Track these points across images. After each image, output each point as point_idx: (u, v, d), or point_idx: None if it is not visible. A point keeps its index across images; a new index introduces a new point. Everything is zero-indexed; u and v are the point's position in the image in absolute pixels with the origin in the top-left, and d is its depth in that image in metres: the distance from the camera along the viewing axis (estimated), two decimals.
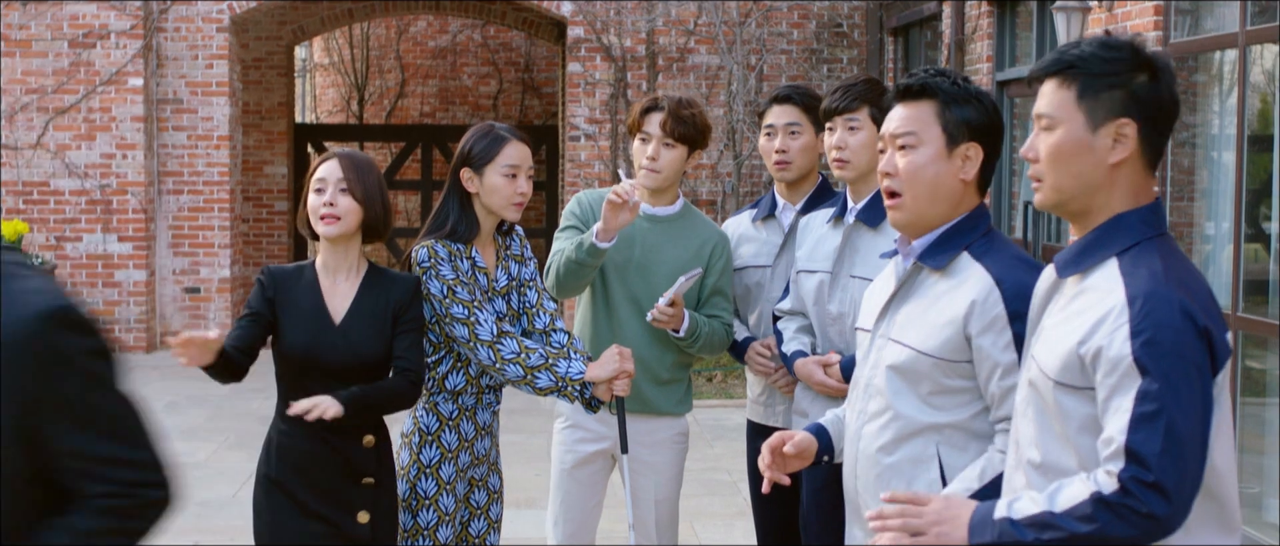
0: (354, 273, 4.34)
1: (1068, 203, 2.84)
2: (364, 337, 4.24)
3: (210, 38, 14.27)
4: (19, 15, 13.85)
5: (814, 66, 14.68)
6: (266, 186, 17.38)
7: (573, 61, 14.55)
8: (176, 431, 10.26)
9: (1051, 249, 10.31)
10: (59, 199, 13.99)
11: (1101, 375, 2.63)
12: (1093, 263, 2.78)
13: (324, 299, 4.29)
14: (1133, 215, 2.78)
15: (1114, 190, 2.80)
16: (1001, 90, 11.26)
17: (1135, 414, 2.55)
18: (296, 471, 4.26)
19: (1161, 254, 2.72)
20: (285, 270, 4.36)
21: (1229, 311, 7.76)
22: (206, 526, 7.82)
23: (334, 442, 4.24)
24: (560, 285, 4.83)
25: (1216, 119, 8.37)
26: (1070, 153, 2.79)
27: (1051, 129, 2.81)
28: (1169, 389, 2.54)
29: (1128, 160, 2.78)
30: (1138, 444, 2.54)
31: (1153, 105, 2.77)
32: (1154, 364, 2.56)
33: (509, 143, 4.53)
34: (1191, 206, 8.55)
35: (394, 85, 20.92)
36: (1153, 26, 8.41)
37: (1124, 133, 2.76)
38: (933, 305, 3.36)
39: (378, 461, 4.33)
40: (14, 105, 13.87)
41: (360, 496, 4.29)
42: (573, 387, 4.49)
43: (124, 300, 14.06)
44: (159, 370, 13.09)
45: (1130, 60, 2.78)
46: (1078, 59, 2.79)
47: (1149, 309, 2.60)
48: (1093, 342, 2.66)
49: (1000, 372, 3.26)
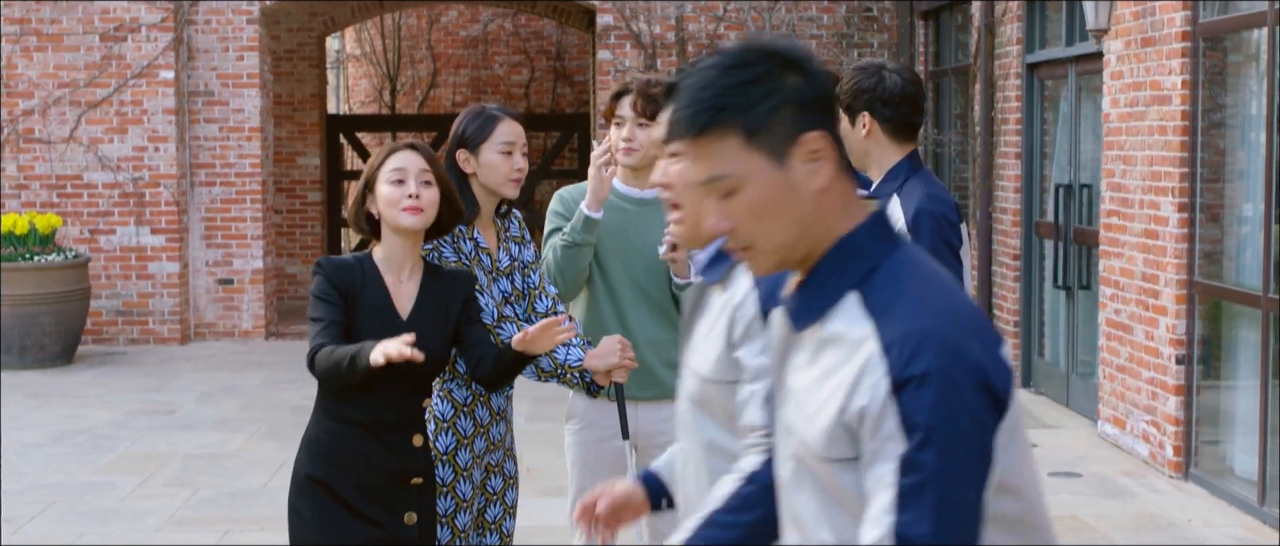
0: (416, 269, 4.24)
1: (791, 256, 2.30)
2: (430, 336, 4.11)
3: (241, 30, 14.31)
4: (50, 9, 13.91)
5: (844, 51, 14.62)
6: (299, 177, 17.44)
7: (603, 49, 14.54)
8: (209, 422, 10.31)
9: (1084, 232, 10.25)
10: (92, 192, 14.06)
11: (866, 436, 2.15)
12: (828, 303, 2.26)
13: (390, 295, 4.17)
14: (859, 234, 2.27)
15: (829, 215, 2.27)
16: (1032, 73, 11.19)
17: (901, 487, 2.10)
18: (343, 471, 4.13)
19: (907, 275, 2.23)
20: (345, 262, 4.19)
21: (1260, 293, 7.70)
22: (239, 516, 7.85)
23: (387, 440, 4.14)
24: (561, 274, 4.79)
25: (1244, 99, 8.30)
26: (773, 203, 2.24)
27: (738, 189, 2.23)
28: (938, 453, 2.08)
29: (831, 176, 2.25)
30: (906, 525, 2.09)
31: (822, 104, 2.27)
32: (920, 422, 2.09)
33: (502, 121, 4.58)
34: (1224, 188, 8.49)
35: (426, 75, 20.93)
36: (1181, 6, 8.34)
37: (815, 149, 2.23)
38: None
39: (426, 462, 4.24)
40: (46, 99, 13.94)
41: (408, 497, 4.18)
42: (572, 373, 4.53)
43: (158, 292, 14.12)
44: (193, 361, 13.16)
45: (768, 66, 2.25)
46: (717, 101, 2.23)
47: (908, 355, 2.11)
48: (854, 405, 2.15)
49: None
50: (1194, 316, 8.44)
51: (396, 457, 4.15)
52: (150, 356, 13.47)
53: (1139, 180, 8.91)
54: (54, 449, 9.46)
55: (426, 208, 4.15)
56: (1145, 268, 8.83)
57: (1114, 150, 9.33)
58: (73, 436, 9.84)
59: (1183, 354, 8.46)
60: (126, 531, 7.55)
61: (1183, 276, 8.43)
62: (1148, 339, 8.81)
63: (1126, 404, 9.14)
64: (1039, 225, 11.16)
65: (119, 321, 14.12)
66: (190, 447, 9.49)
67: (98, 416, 10.54)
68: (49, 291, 12.62)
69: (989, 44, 11.78)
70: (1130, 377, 9.08)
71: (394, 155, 4.17)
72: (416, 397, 4.20)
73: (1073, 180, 10.45)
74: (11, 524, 7.64)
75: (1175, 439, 8.48)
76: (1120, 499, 8.10)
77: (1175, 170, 8.43)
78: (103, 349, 13.90)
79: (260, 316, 14.48)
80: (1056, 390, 10.84)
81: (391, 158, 4.17)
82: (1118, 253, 9.28)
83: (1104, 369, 9.56)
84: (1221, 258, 8.52)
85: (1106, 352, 9.52)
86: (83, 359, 13.25)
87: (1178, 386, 8.47)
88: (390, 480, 4.15)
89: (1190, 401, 8.48)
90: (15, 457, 9.17)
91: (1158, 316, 8.66)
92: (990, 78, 11.80)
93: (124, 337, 14.13)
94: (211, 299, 14.52)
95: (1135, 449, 9.00)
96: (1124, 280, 9.18)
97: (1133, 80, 9.00)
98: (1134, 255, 9.00)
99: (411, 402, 4.19)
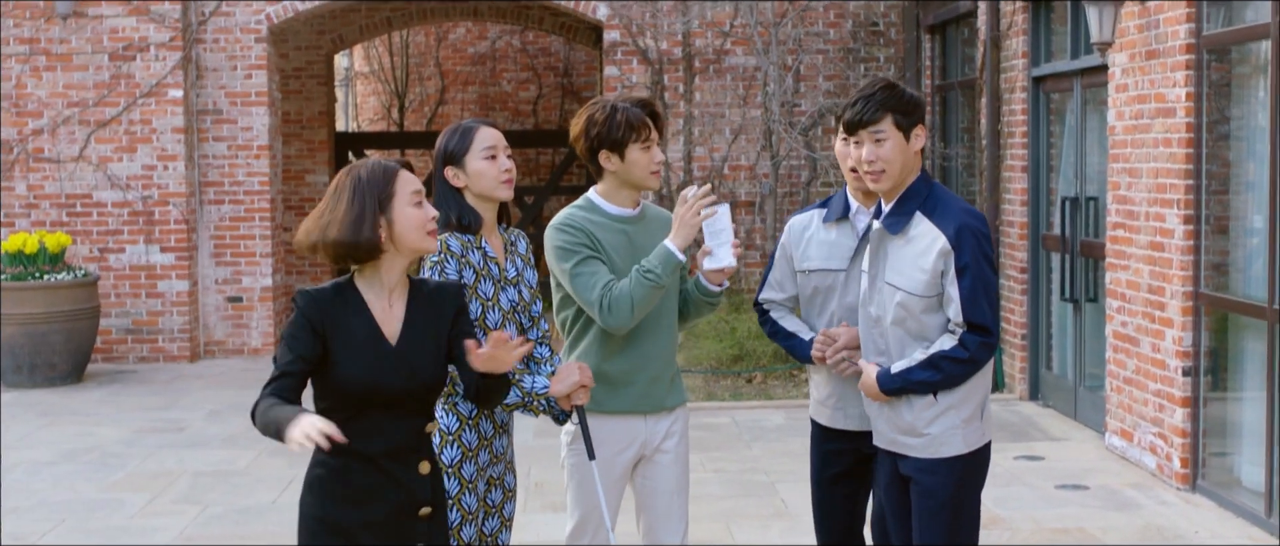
0: (402, 289, 4.03)
1: None
2: (422, 358, 3.96)
3: (249, 48, 14.36)
4: (59, 30, 13.97)
5: (850, 66, 14.64)
6: (308, 195, 17.48)
7: (610, 65, 14.57)
8: (218, 440, 10.34)
9: (1091, 245, 10.26)
10: (102, 211, 14.10)
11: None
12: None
13: (376, 321, 3.95)
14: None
15: None
16: (1037, 86, 11.20)
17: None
18: (355, 507, 3.93)
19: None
20: (323, 293, 3.95)
21: (1267, 304, 7.70)
22: (247, 533, 7.86)
23: (391, 472, 3.94)
24: (639, 308, 4.73)
25: (1253, 111, 8.31)
26: None
27: None
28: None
29: None
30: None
31: None
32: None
33: (479, 129, 4.67)
34: (1230, 200, 8.49)
35: (434, 92, 20.99)
36: (1185, 19, 8.36)
37: None
38: None
39: (433, 490, 4.07)
40: (56, 119, 14.00)
41: (419, 529, 4.03)
42: (539, 401, 4.58)
43: (167, 310, 14.16)
44: (202, 379, 13.19)
45: None
46: None
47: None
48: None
49: None
50: (1200, 328, 8.44)
51: (403, 489, 3.97)
52: (160, 374, 13.50)
53: (1144, 193, 8.91)
54: (63, 467, 9.49)
55: None
56: (1151, 280, 8.83)
57: (1119, 163, 9.33)
58: (82, 454, 9.87)
59: (1189, 366, 8.46)
60: None
61: (1189, 288, 8.44)
62: (1154, 351, 8.81)
63: (1134, 416, 9.13)
64: (1046, 238, 11.17)
65: (129, 340, 14.15)
66: (199, 465, 9.51)
67: (107, 434, 10.57)
68: (59, 310, 12.66)
69: (995, 58, 11.79)
70: (1137, 390, 9.08)
71: (403, 174, 3.96)
72: (418, 422, 4.02)
73: (1079, 193, 10.46)
74: (21, 540, 7.66)
75: (1182, 451, 8.48)
76: (1127, 511, 8.10)
77: (1180, 182, 8.43)
78: (112, 367, 13.94)
79: (269, 334, 14.51)
80: (1064, 403, 10.83)
81: (401, 178, 3.94)
82: (1124, 265, 9.29)
83: (1111, 381, 9.56)
84: (1227, 269, 8.52)
85: (1113, 365, 9.52)
86: (93, 377, 13.29)
87: (1185, 398, 8.47)
88: (399, 512, 3.97)
89: (1197, 413, 8.47)
90: (25, 476, 9.20)
91: (1164, 328, 8.66)
92: (996, 91, 11.81)
93: (133, 356, 14.17)
94: (221, 316, 14.55)
95: (1142, 461, 8.99)
96: (1130, 292, 9.18)
97: (1138, 93, 9.01)
98: (1140, 267, 9.00)
99: (414, 428, 4.01)
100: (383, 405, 3.90)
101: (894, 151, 4.61)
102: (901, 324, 4.66)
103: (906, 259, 4.62)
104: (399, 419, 3.95)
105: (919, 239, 4.61)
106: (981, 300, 4.54)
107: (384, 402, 3.89)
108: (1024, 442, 9.86)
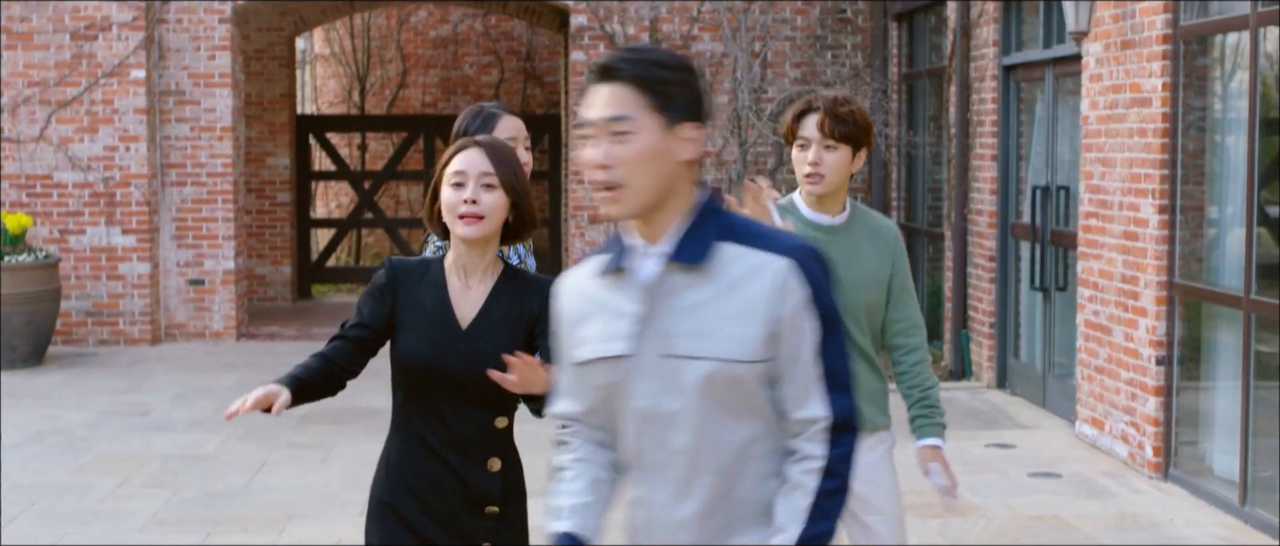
0: (489, 274, 3.85)
1: None
2: (494, 347, 3.73)
3: (212, 29, 14.23)
4: (20, 8, 13.81)
5: (818, 52, 14.65)
6: (269, 178, 17.36)
7: (576, 50, 14.52)
8: (184, 423, 10.25)
9: (1061, 234, 10.29)
10: (62, 192, 13.95)
11: None
12: None
13: (451, 302, 3.80)
14: None
15: None
16: (1008, 75, 11.23)
17: None
18: (412, 495, 3.81)
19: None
20: (409, 264, 3.85)
21: (1240, 294, 7.74)
22: (221, 517, 7.80)
23: (453, 463, 3.78)
24: None
25: (1225, 102, 8.35)
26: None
27: None
28: None
29: None
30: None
31: None
32: None
33: (502, 117, 4.58)
34: (1199, 190, 8.54)
35: (395, 75, 20.88)
36: (1163, 9, 8.39)
37: None
38: None
39: (505, 488, 3.85)
40: (16, 98, 13.84)
41: (482, 527, 3.83)
42: None
43: (128, 293, 14.03)
44: (164, 362, 13.08)
45: None
46: None
47: None
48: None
49: None
50: (1174, 318, 8.49)
51: (468, 483, 3.80)
52: (121, 357, 13.37)
53: (1118, 182, 8.95)
54: (30, 449, 9.38)
55: (487, 214, 3.75)
56: (1125, 269, 8.87)
57: (1093, 152, 9.37)
58: (48, 437, 9.77)
59: (1163, 355, 8.50)
60: (108, 532, 7.49)
61: (1163, 278, 8.48)
62: (1127, 340, 8.85)
63: (1105, 404, 9.18)
64: (1015, 227, 11.21)
65: (89, 322, 14.02)
66: (167, 448, 9.42)
67: (72, 417, 10.47)
68: (19, 292, 12.52)
69: (964, 46, 11.81)
70: (1109, 378, 9.12)
71: (458, 155, 3.82)
72: (487, 416, 3.82)
73: (1049, 182, 10.50)
74: None
75: (1155, 439, 8.53)
76: (1101, 499, 8.14)
77: (1155, 172, 8.47)
78: (72, 350, 13.80)
79: (231, 317, 14.40)
80: (1032, 391, 10.88)
81: (456, 158, 3.82)
82: (1096, 254, 9.32)
83: (1082, 370, 9.60)
84: (1202, 259, 8.57)
85: (1084, 354, 9.56)
86: (53, 360, 13.15)
87: (1157, 387, 8.51)
88: (462, 507, 3.81)
89: (1170, 402, 8.52)
90: None
91: (1137, 317, 8.70)
92: (966, 80, 11.83)
93: (94, 338, 14.03)
94: (182, 299, 14.43)
95: (1114, 449, 9.04)
96: (1103, 282, 9.22)
97: (1113, 83, 9.05)
98: (1113, 256, 9.04)
99: (481, 421, 3.82)
100: (448, 389, 3.77)
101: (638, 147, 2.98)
102: (713, 429, 2.83)
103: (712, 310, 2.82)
104: (464, 408, 3.80)
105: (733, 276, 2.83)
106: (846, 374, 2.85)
107: (449, 386, 3.76)
108: (994, 430, 9.90)
